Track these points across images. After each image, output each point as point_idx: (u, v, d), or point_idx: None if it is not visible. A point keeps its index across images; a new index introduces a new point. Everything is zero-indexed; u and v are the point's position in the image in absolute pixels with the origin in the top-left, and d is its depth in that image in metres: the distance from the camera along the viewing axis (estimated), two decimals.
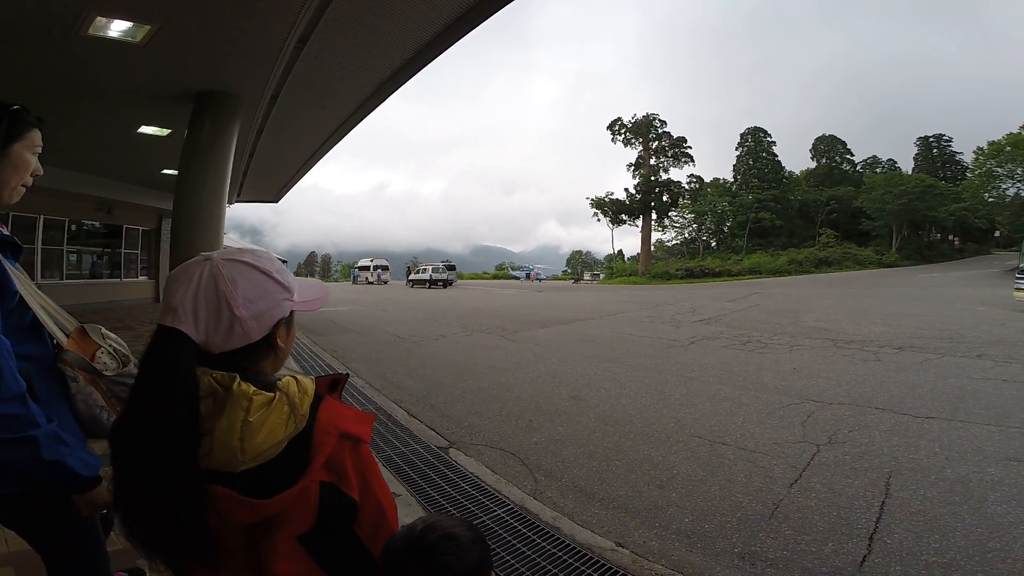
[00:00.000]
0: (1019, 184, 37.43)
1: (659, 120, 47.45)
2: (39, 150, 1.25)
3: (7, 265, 1.14)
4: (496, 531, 2.56)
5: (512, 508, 2.83)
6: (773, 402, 4.97)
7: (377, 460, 2.90)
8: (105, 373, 1.29)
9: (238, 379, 0.80)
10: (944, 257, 47.62)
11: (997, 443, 3.74)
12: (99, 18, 4.80)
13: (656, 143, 47.36)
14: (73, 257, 15.21)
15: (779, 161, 57.21)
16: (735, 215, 53.74)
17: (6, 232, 1.21)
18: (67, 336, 1.28)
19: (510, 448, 3.87)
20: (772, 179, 55.25)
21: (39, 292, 1.26)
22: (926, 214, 45.97)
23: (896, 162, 62.00)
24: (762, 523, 2.71)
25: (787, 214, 52.98)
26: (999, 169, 37.74)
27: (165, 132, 8.93)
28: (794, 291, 21.02)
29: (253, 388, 0.80)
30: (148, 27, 5.00)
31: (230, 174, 7.49)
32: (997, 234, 49.68)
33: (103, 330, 1.38)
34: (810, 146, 63.82)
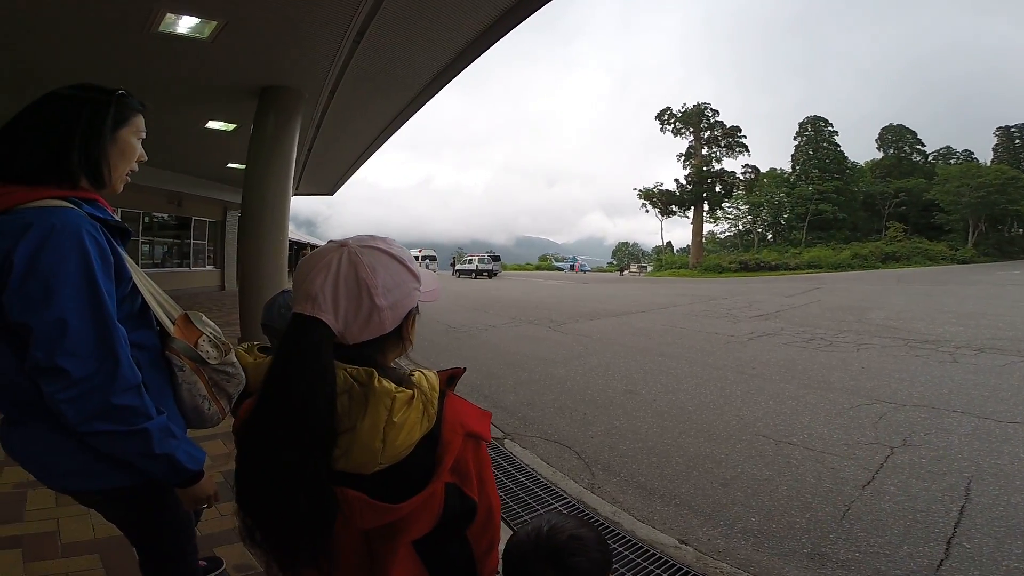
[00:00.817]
0: None
1: (711, 109, 45.82)
2: (143, 135, 1.24)
3: (120, 251, 1.13)
4: None
5: (569, 502, 2.83)
6: (841, 402, 4.74)
7: None
8: (209, 361, 1.25)
9: (376, 375, 0.76)
10: None
11: None
12: (168, 15, 5.02)
13: (708, 132, 45.71)
14: (146, 247, 16.25)
15: (841, 151, 53.98)
16: (793, 207, 51.25)
17: (116, 218, 1.19)
18: (173, 323, 1.24)
19: (565, 441, 3.87)
20: (834, 170, 52.22)
21: (146, 277, 1.26)
22: (1007, 207, 42.35)
23: (972, 153, 57.46)
24: (833, 524, 2.60)
25: (850, 206, 50.06)
26: None
27: (231, 127, 9.30)
28: (858, 287, 19.88)
29: (393, 385, 0.76)
30: (215, 23, 5.19)
31: (293, 167, 7.75)
32: None
33: (204, 317, 1.35)
34: (875, 136, 59.99)
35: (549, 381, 5.65)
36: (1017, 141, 55.20)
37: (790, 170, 55.24)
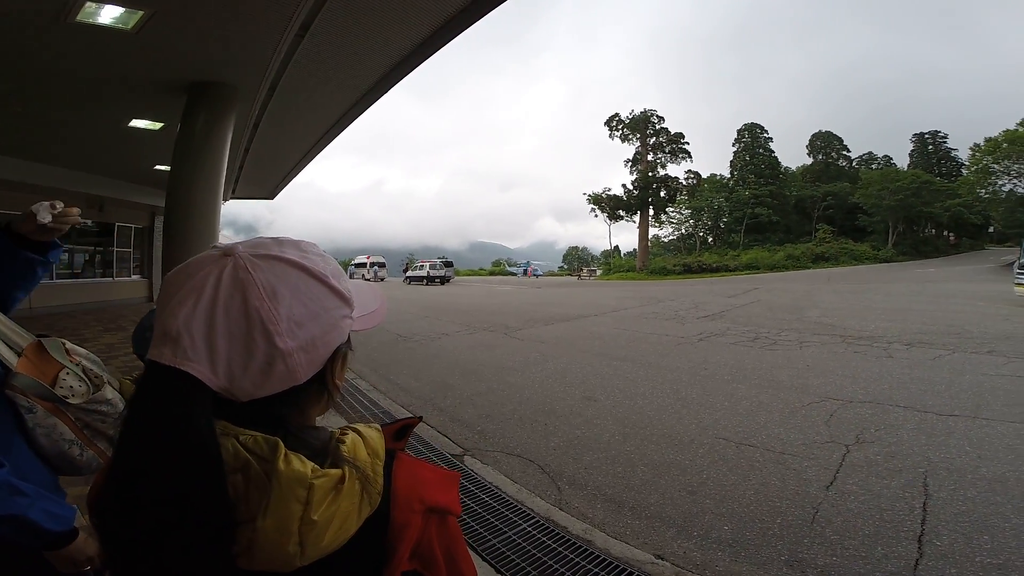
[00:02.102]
0: (1015, 180, 37.60)
1: (657, 116, 47.32)
2: None
3: None
4: (524, 547, 2.42)
5: (538, 521, 2.69)
6: (792, 401, 4.84)
7: None
8: (70, 401, 1.02)
9: (282, 448, 0.52)
10: (939, 252, 47.73)
11: None
12: (89, 3, 4.56)
13: (654, 139, 47.18)
14: (64, 256, 14.92)
15: (776, 157, 57.21)
16: (731, 211, 53.73)
17: None
18: (19, 355, 1.02)
19: (528, 454, 3.72)
20: (769, 175, 55.23)
21: None
22: (922, 210, 46.05)
23: (892, 158, 62.45)
24: (805, 528, 2.59)
25: (784, 210, 53.00)
26: (995, 166, 37.80)
27: (158, 126, 8.65)
28: (794, 286, 20.94)
29: (310, 465, 0.52)
30: (141, 12, 4.75)
31: (225, 169, 7.25)
32: (991, 230, 49.80)
33: (67, 345, 1.11)
34: (806, 143, 64.04)
35: (507, 390, 5.50)
36: (930, 147, 60.31)
37: (729, 175, 57.96)
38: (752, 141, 57.47)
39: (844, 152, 63.03)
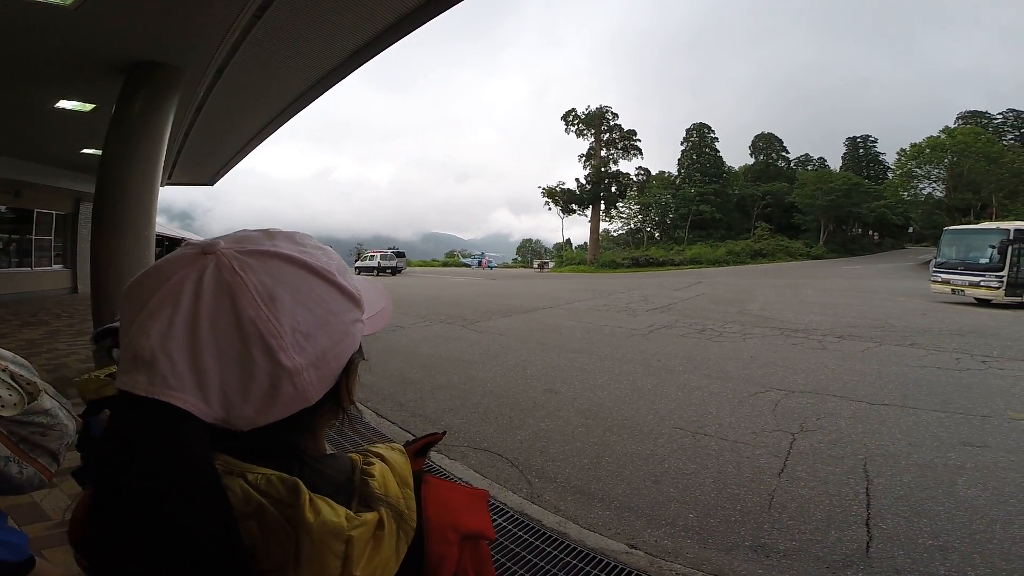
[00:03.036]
0: (934, 184, 40.94)
1: (611, 112, 48.14)
2: None
3: None
4: (501, 542, 2.45)
5: (512, 515, 2.72)
6: (740, 391, 5.11)
7: None
8: (1, 413, 0.91)
9: (304, 492, 0.43)
10: (865, 251, 51.27)
11: (948, 428, 4.02)
12: None
13: (608, 135, 48.02)
14: None
15: (721, 157, 59.48)
16: (678, 207, 55.60)
17: None
18: None
19: (495, 448, 3.75)
20: (714, 174, 57.39)
21: None
22: (851, 210, 49.20)
23: (826, 160, 66.28)
24: (763, 515, 2.75)
25: (726, 207, 55.28)
26: (918, 170, 41.10)
27: (88, 107, 7.94)
28: (734, 281, 22.00)
29: (343, 513, 0.44)
30: None
31: (164, 154, 6.76)
32: (911, 230, 53.89)
33: None
34: (749, 143, 66.95)
35: (469, 384, 5.50)
36: (861, 150, 64.40)
37: (677, 173, 59.80)
38: (700, 140, 59.48)
39: (784, 153, 66.31)
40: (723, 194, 55.42)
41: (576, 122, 48.46)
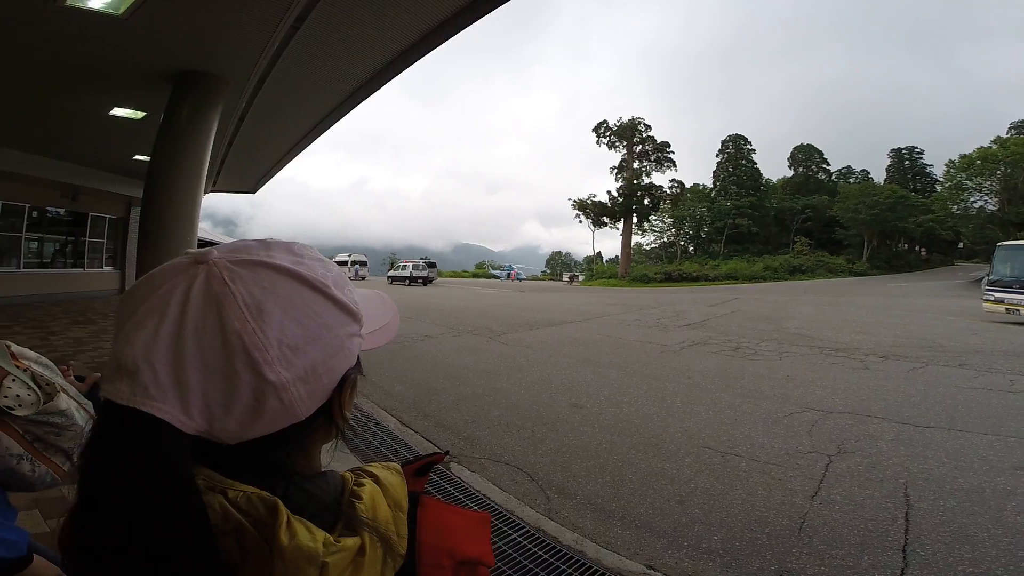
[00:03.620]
0: (986, 197, 38.89)
1: (644, 124, 47.86)
2: None
3: None
4: (513, 557, 2.39)
5: (528, 531, 2.66)
6: (775, 411, 4.91)
7: None
8: (16, 413, 0.93)
9: (283, 513, 0.42)
10: (911, 267, 49.12)
11: (1000, 452, 3.77)
12: None
13: (640, 146, 47.72)
14: (34, 244, 14.42)
15: (758, 169, 58.35)
16: (713, 221, 54.63)
17: None
18: None
19: (515, 462, 3.70)
20: (750, 186, 56.30)
21: None
22: (896, 225, 47.33)
23: (869, 173, 64.07)
24: (792, 538, 2.62)
25: (763, 221, 54.05)
26: (968, 182, 39.07)
27: (140, 115, 8.42)
28: (771, 297, 21.36)
29: (321, 537, 0.42)
30: None
31: (208, 162, 7.09)
32: (961, 246, 51.33)
33: (12, 348, 1.01)
34: (788, 155, 65.35)
35: (493, 396, 5.47)
36: (907, 162, 61.99)
37: (711, 186, 58.83)
38: (736, 152, 58.50)
39: (824, 165, 64.45)
40: (760, 207, 54.20)
41: (608, 134, 48.34)
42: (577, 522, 2.81)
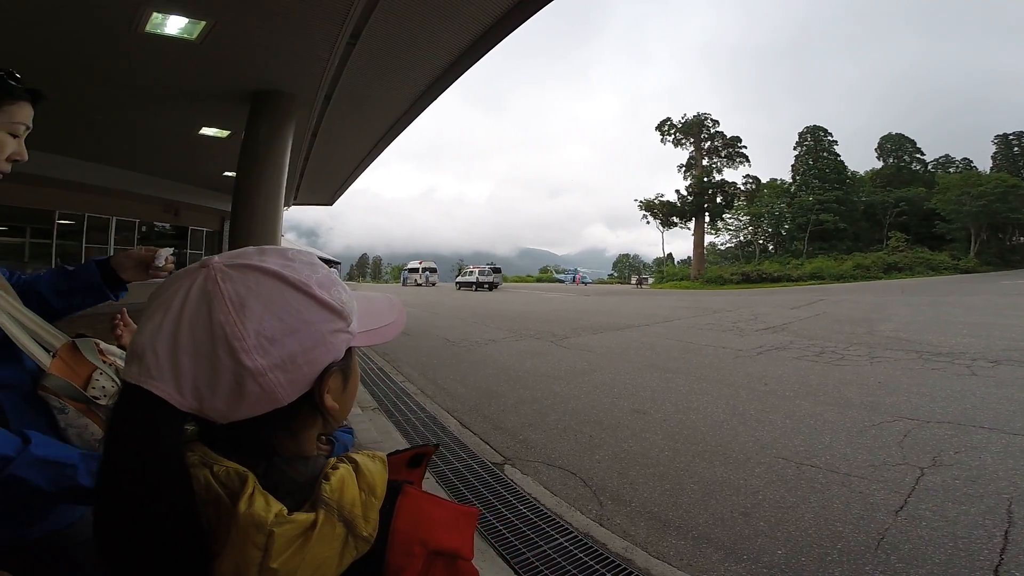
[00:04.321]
0: None
1: (711, 119, 45.97)
2: (23, 130, 0.99)
3: None
4: (558, 562, 2.32)
5: (576, 536, 2.57)
6: (862, 420, 4.49)
7: (430, 476, 2.67)
8: (100, 402, 1.00)
9: (250, 484, 0.48)
10: None
11: None
12: (155, 14, 4.90)
13: (708, 143, 45.86)
14: None
15: (841, 161, 54.18)
16: (794, 217, 51.25)
17: None
18: (52, 356, 1.02)
19: (570, 466, 3.61)
20: (834, 179, 52.34)
21: (10, 300, 1.02)
22: (1008, 216, 42.26)
23: (972, 161, 57.65)
24: (867, 555, 2.37)
25: (851, 216, 50.03)
26: None
27: (225, 133, 9.18)
28: (863, 298, 19.65)
29: (275, 507, 0.47)
30: (203, 23, 5.07)
31: (286, 176, 7.59)
32: None
33: (101, 345, 1.10)
34: (874, 146, 60.16)
35: (552, 400, 5.41)
36: (1016, 149, 55.36)
37: (790, 180, 55.35)
38: (815, 144, 54.71)
39: (918, 155, 58.72)
40: (847, 201, 50.23)
41: (672, 131, 46.85)
42: (629, 530, 2.69)
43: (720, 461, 3.65)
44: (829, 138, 54.83)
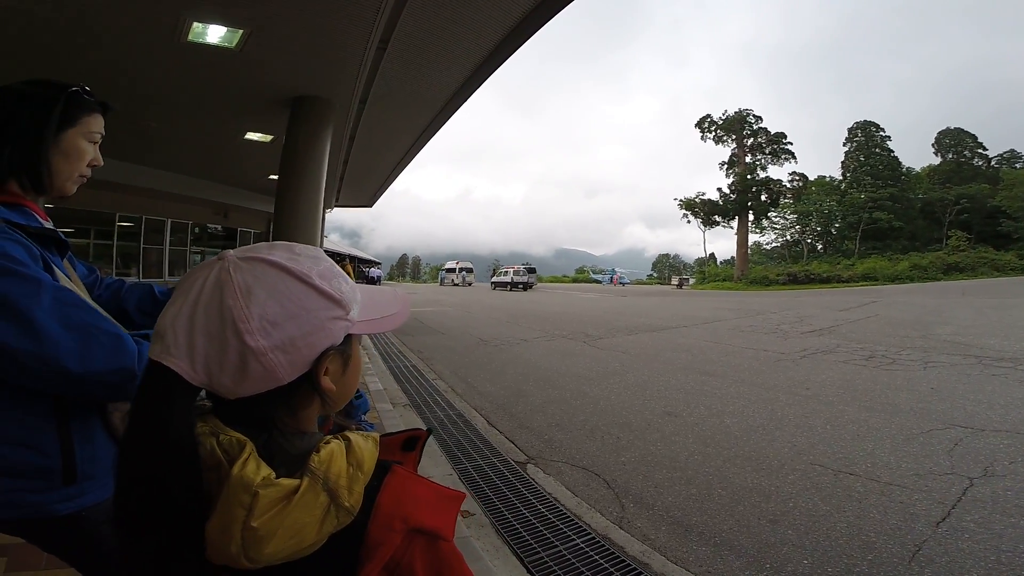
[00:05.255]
0: None
1: (753, 116, 44.47)
2: (98, 138, 1.11)
3: (54, 265, 1.01)
4: (573, 563, 2.28)
5: (592, 538, 2.53)
6: (910, 427, 4.25)
7: (454, 472, 2.68)
8: None
9: (247, 451, 0.54)
10: None
11: None
12: (196, 24, 5.14)
13: (751, 139, 44.39)
14: (198, 257, 16.97)
15: (896, 157, 51.28)
16: (844, 216, 48.92)
17: (49, 225, 1.07)
18: None
19: (594, 467, 3.56)
20: (888, 176, 49.61)
21: (87, 297, 1.10)
22: None
23: None
24: (899, 567, 2.25)
25: (907, 214, 47.32)
26: None
27: (268, 138, 9.54)
28: (919, 300, 18.58)
29: (264, 472, 0.53)
30: (241, 32, 5.29)
31: (325, 179, 7.81)
32: None
33: None
34: (931, 141, 56.54)
35: (581, 400, 5.35)
36: None
37: (840, 178, 52.89)
38: (866, 140, 51.99)
39: (980, 151, 54.87)
40: (902, 199, 47.52)
41: (713, 128, 45.48)
42: (649, 534, 2.62)
43: (752, 467, 3.52)
44: (881, 133, 52.02)
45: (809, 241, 52.61)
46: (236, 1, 4.74)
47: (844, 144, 53.96)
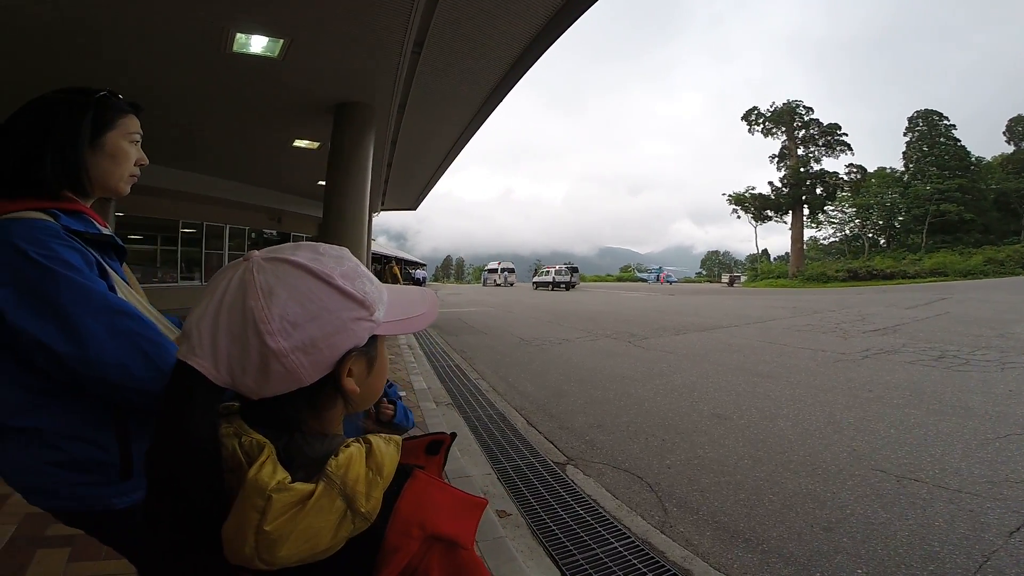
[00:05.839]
0: None
1: (803, 107, 42.45)
2: (138, 138, 1.15)
3: (111, 270, 1.04)
4: (610, 567, 2.22)
5: (632, 542, 2.45)
6: (984, 431, 3.93)
7: (492, 472, 2.66)
8: None
9: (266, 453, 0.54)
10: None
11: None
12: (239, 35, 5.37)
13: (803, 131, 42.38)
14: None
15: (963, 147, 47.54)
16: (909, 208, 45.90)
17: (107, 231, 1.09)
18: None
19: (636, 470, 3.47)
20: (955, 167, 46.08)
21: (144, 301, 1.13)
22: None
23: None
24: None
25: (979, 206, 43.81)
26: None
27: (315, 145, 9.88)
28: (996, 296, 17.20)
29: (280, 475, 0.52)
30: (282, 41, 5.49)
31: (370, 183, 8.01)
32: None
33: None
34: (1002, 129, 52.03)
35: (624, 401, 5.23)
36: None
37: (902, 169, 49.68)
38: (929, 130, 48.47)
39: None
40: (973, 190, 44.07)
41: (760, 121, 43.66)
42: (692, 539, 2.53)
43: (807, 472, 3.34)
44: (946, 122, 48.41)
45: (870, 235, 49.68)
46: (272, 11, 4.93)
47: (904, 134, 50.55)
